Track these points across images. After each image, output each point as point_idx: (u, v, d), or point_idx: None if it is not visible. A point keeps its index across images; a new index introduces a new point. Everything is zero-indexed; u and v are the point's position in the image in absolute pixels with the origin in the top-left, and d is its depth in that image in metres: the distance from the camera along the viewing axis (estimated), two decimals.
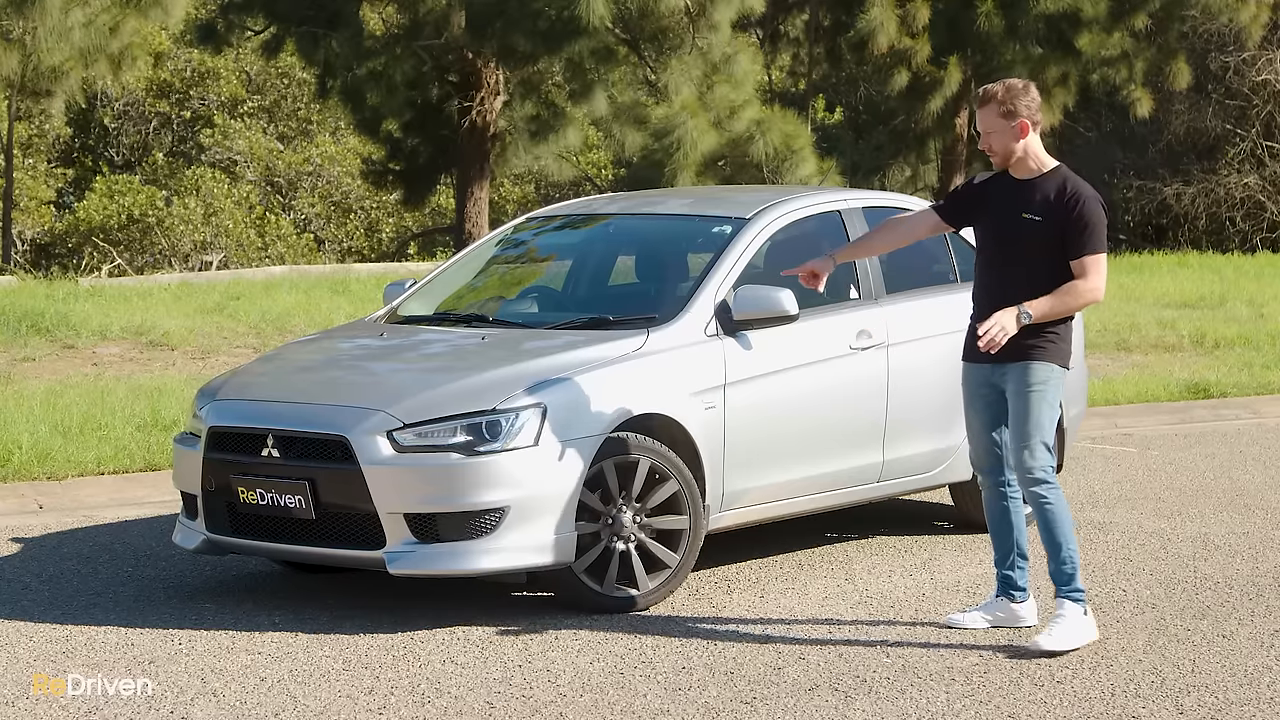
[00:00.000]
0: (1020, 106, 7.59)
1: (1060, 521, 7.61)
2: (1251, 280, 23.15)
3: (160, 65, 38.68)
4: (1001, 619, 7.92)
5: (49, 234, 36.03)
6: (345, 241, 39.02)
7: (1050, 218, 7.55)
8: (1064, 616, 7.57)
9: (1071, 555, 7.61)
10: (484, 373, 8.25)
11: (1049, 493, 7.61)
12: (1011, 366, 7.63)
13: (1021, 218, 7.59)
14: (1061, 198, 7.55)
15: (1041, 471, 7.59)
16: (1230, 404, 15.11)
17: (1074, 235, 7.52)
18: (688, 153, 24.39)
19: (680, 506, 8.36)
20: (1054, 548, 7.62)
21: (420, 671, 7.32)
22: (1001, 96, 7.60)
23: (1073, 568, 7.61)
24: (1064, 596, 7.61)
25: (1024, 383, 7.60)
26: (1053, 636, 7.51)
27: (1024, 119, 7.60)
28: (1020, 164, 7.66)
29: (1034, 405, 7.59)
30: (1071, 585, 7.61)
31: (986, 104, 7.62)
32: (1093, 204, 7.55)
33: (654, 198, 10.91)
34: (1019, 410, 7.61)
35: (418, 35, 24.41)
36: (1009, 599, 7.93)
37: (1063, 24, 27.48)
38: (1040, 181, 7.64)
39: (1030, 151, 7.64)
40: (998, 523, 7.91)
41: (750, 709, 6.84)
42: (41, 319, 15.73)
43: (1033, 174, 7.66)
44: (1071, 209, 7.53)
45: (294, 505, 8.05)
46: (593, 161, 38.67)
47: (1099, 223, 7.55)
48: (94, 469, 11.20)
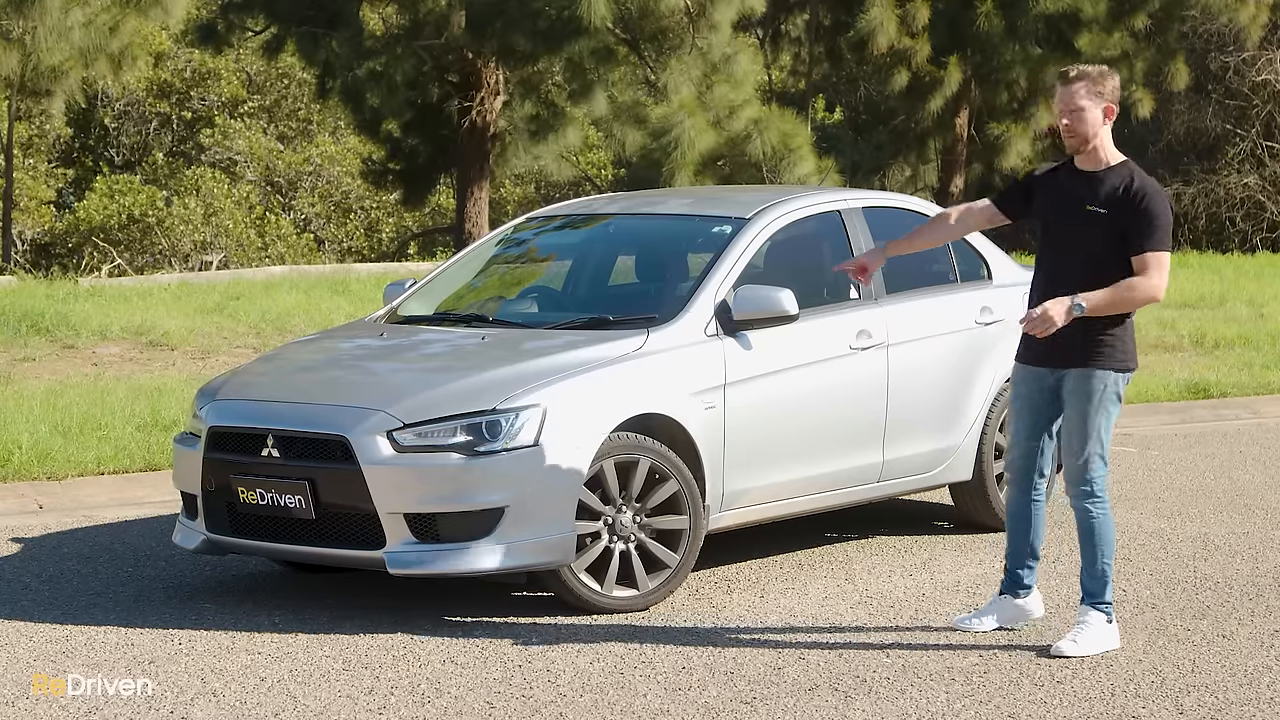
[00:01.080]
0: (1108, 89, 7.45)
1: (1104, 537, 7.51)
2: (1251, 280, 23.14)
3: (160, 65, 38.67)
4: (1009, 616, 7.89)
5: (49, 234, 36.02)
6: (345, 241, 39.02)
7: (1115, 211, 7.38)
8: (1089, 624, 7.52)
9: (1107, 570, 7.53)
10: (484, 373, 8.25)
11: (1097, 508, 7.50)
12: (1070, 373, 7.46)
13: (1085, 209, 7.44)
14: (1129, 192, 7.39)
15: (1095, 486, 7.47)
16: (1230, 404, 15.11)
17: (1138, 230, 7.35)
18: (686, 152, 24.38)
19: (680, 506, 8.36)
20: (1091, 560, 7.53)
21: (420, 671, 7.32)
22: (1095, 75, 7.43)
23: (1105, 582, 7.54)
24: (1092, 606, 7.55)
25: (1083, 391, 7.43)
26: (1077, 643, 7.46)
27: (1109, 103, 7.47)
28: (1091, 154, 7.48)
29: (1092, 416, 7.43)
30: (1101, 598, 7.55)
31: (1077, 82, 7.41)
32: (1160, 200, 7.38)
33: (654, 198, 10.91)
34: (1076, 420, 7.45)
35: (418, 35, 24.41)
36: (1014, 596, 7.90)
37: (1062, 24, 27.49)
38: (1107, 174, 7.48)
39: (1103, 141, 7.48)
40: (1019, 522, 7.80)
41: (750, 709, 6.84)
42: (41, 319, 15.73)
43: (1100, 166, 7.49)
44: (1138, 203, 7.36)
45: (294, 505, 8.05)
46: (593, 161, 38.67)
47: (1165, 220, 7.38)
48: (94, 469, 11.20)
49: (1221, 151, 34.18)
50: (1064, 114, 7.47)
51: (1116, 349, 7.45)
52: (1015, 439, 7.74)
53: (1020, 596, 7.89)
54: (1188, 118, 33.76)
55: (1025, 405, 7.67)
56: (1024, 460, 7.73)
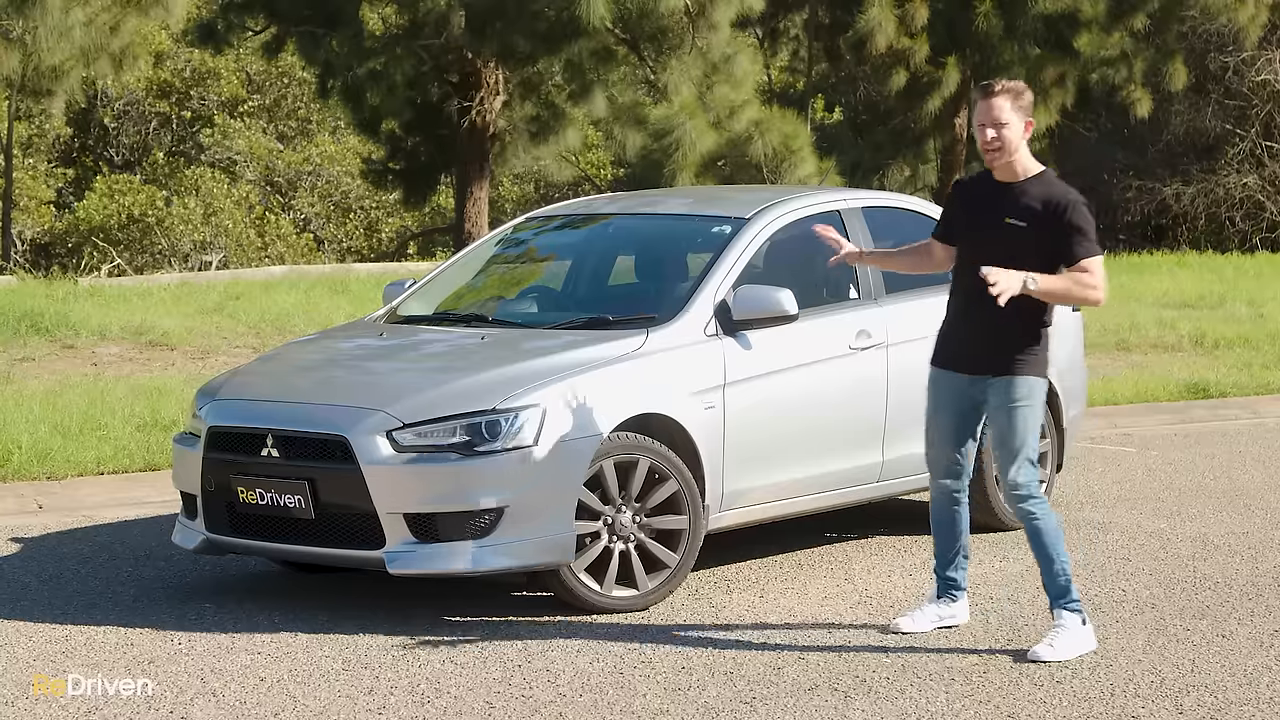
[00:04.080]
0: (1026, 104, 7.48)
1: (1051, 535, 7.53)
2: (1251, 280, 23.15)
3: (160, 65, 38.68)
4: (944, 618, 7.90)
5: (49, 234, 36.03)
6: (345, 241, 39.02)
7: (1034, 224, 7.40)
8: (1064, 627, 7.52)
9: (1064, 567, 7.55)
10: (483, 373, 8.25)
11: (1038, 508, 7.53)
12: (994, 381, 7.51)
13: (1005, 222, 7.45)
14: (1048, 205, 7.39)
15: (1030, 488, 7.51)
16: (1230, 404, 15.12)
17: (1068, 243, 7.38)
18: (687, 154, 24.40)
19: (680, 506, 8.36)
20: (1047, 561, 7.56)
21: (420, 671, 7.32)
22: (1017, 90, 7.45)
23: (1066, 579, 7.55)
24: (1062, 608, 7.56)
25: (1009, 398, 7.48)
26: (1054, 648, 7.45)
27: (1028, 118, 7.50)
28: (1007, 167, 7.49)
29: (1020, 422, 7.48)
30: (1068, 597, 7.56)
31: (1001, 95, 7.42)
32: (1080, 209, 7.41)
33: (654, 198, 10.92)
34: (1005, 427, 7.50)
35: (418, 35, 24.42)
36: (950, 599, 7.92)
37: (1061, 24, 27.50)
38: (1026, 186, 7.47)
39: (1024, 153, 7.51)
40: (945, 526, 7.85)
41: (750, 709, 6.85)
42: (41, 319, 15.73)
43: (1018, 178, 7.49)
44: (1062, 216, 7.38)
45: (294, 505, 8.05)
46: (592, 161, 38.67)
47: (1090, 227, 7.41)
48: (94, 469, 11.21)
49: (1221, 151, 34.18)
50: (988, 126, 7.44)
51: (1040, 357, 7.51)
52: (933, 440, 7.77)
53: (955, 600, 7.92)
54: (1187, 118, 33.77)
55: (944, 408, 7.69)
56: (945, 464, 7.75)
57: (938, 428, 7.75)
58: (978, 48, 27.64)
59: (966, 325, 7.57)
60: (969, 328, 7.56)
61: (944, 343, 7.68)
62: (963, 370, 7.59)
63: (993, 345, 7.48)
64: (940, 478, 7.79)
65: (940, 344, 7.71)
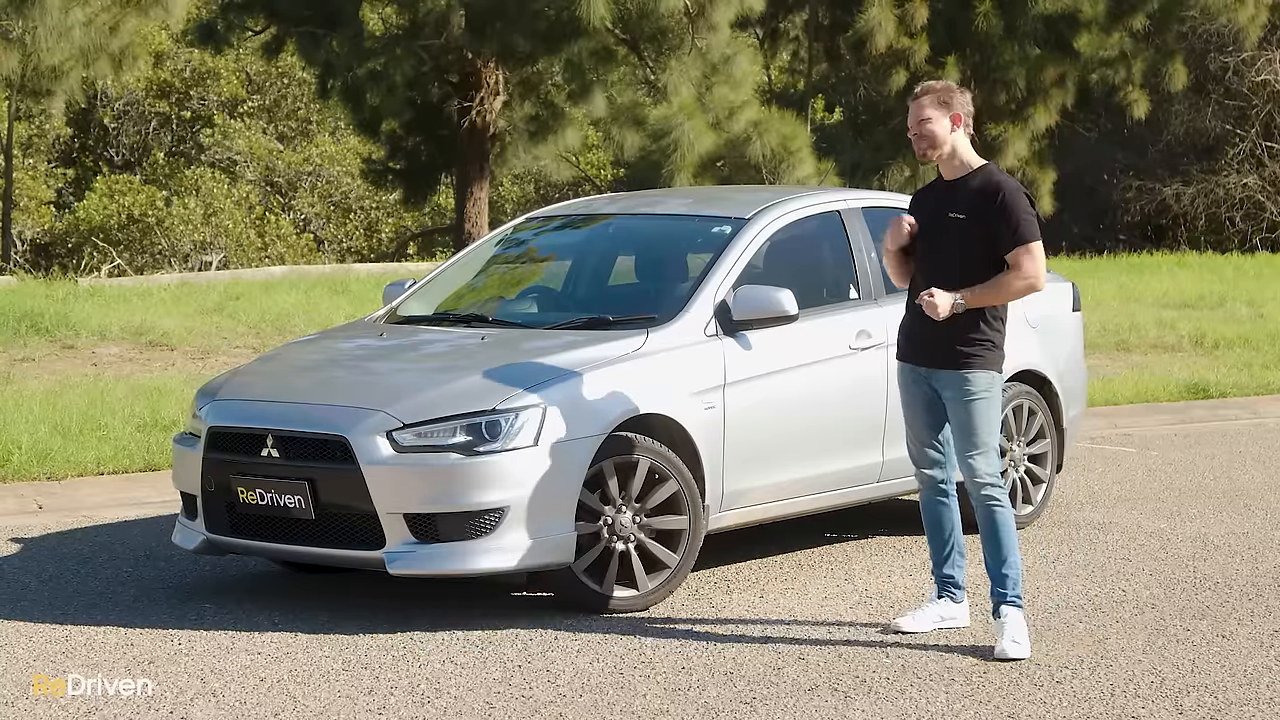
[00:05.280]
0: (955, 101, 7.68)
1: (1007, 528, 7.62)
2: (1251, 280, 23.15)
3: (160, 65, 38.68)
4: (945, 618, 7.91)
5: (49, 234, 36.04)
6: (345, 241, 39.03)
7: (972, 215, 7.57)
8: (1012, 621, 7.56)
9: (1017, 561, 7.64)
10: (484, 373, 8.24)
11: (1000, 495, 7.63)
12: (947, 375, 7.64)
13: (947, 216, 7.63)
14: (984, 194, 7.57)
15: (991, 478, 7.61)
16: (1230, 404, 15.12)
17: (1003, 228, 7.53)
18: (685, 154, 24.40)
19: (680, 506, 8.36)
20: (999, 553, 7.62)
21: (420, 671, 7.32)
22: (940, 89, 7.70)
23: (1017, 573, 7.64)
24: (1008, 604, 7.59)
25: (963, 392, 7.59)
26: (1019, 643, 7.49)
27: (957, 112, 7.67)
28: (949, 163, 7.68)
29: (977, 414, 7.59)
30: (1016, 590, 7.62)
31: (922, 96, 7.70)
32: (1016, 194, 7.56)
33: (654, 198, 10.91)
34: (963, 420, 7.62)
35: (418, 35, 24.42)
36: (951, 599, 7.94)
37: (1061, 24, 27.51)
38: (966, 179, 7.67)
39: (959, 149, 7.66)
40: (936, 523, 7.90)
41: (750, 709, 6.85)
42: (41, 319, 15.73)
43: (959, 174, 7.69)
44: (996, 202, 7.53)
45: (294, 505, 8.05)
46: (592, 162, 38.68)
47: (1026, 212, 7.54)
48: (94, 469, 11.20)
49: (1221, 152, 34.18)
50: (912, 126, 7.71)
51: (994, 353, 7.62)
52: (910, 433, 7.89)
53: (956, 600, 7.93)
54: (1187, 118, 33.76)
55: (912, 400, 7.83)
56: (924, 455, 7.84)
57: (910, 420, 7.88)
58: (978, 48, 27.65)
59: (917, 321, 7.71)
60: (919, 324, 7.70)
61: (902, 337, 7.86)
62: (920, 364, 7.75)
63: (939, 340, 7.62)
64: (923, 468, 7.88)
65: (900, 338, 7.89)
